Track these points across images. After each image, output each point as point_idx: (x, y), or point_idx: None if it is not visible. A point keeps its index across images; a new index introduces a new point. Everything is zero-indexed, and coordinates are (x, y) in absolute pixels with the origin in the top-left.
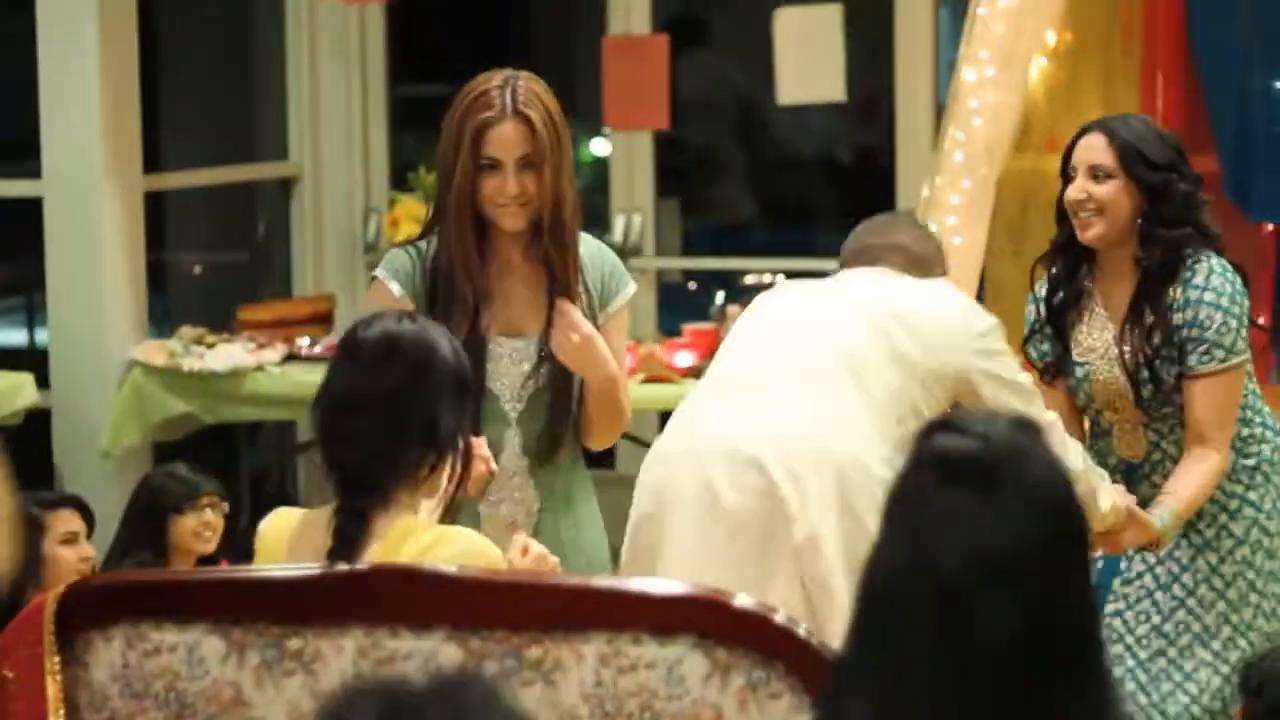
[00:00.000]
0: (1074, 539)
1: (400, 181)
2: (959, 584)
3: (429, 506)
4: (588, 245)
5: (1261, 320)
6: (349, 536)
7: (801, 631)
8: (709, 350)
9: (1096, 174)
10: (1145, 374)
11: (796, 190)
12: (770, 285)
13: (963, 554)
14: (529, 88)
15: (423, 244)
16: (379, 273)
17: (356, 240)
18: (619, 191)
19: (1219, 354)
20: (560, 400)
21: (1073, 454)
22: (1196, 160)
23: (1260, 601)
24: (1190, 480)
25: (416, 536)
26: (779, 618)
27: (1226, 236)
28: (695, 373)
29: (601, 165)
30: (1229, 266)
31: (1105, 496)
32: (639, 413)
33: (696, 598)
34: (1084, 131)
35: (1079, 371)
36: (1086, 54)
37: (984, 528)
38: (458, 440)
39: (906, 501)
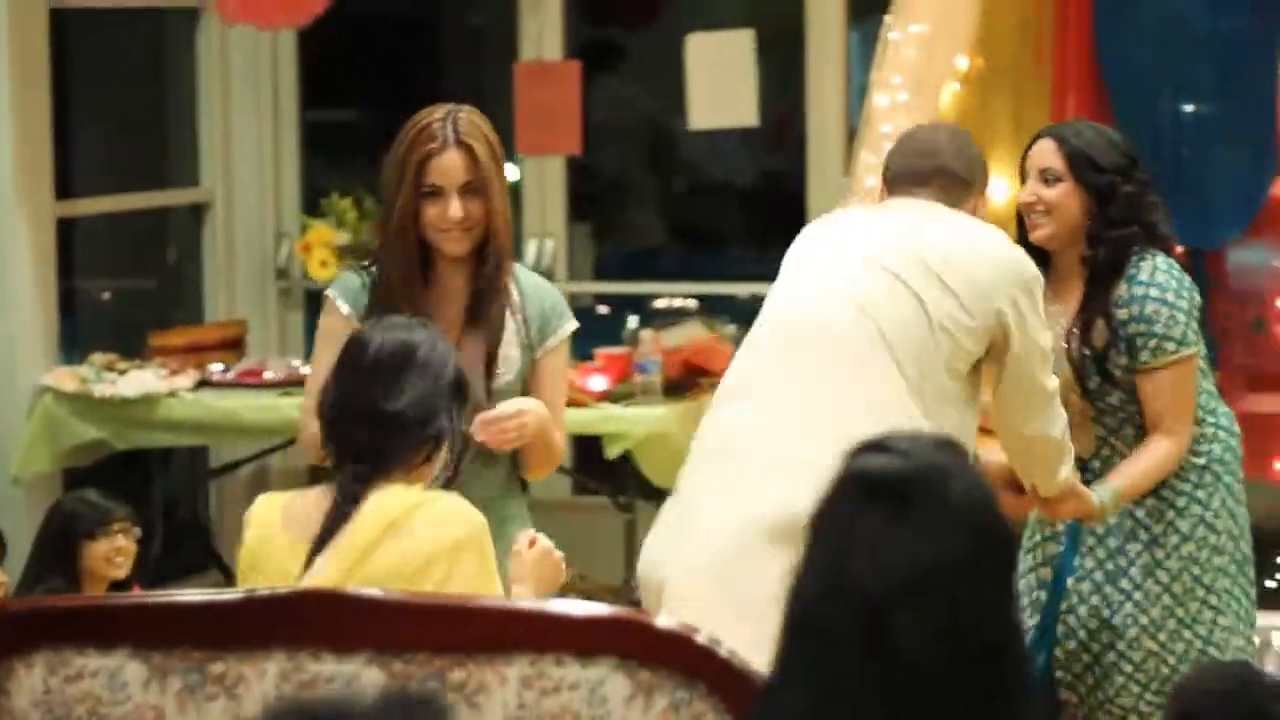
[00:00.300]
0: (996, 557)
1: (312, 207)
2: (881, 602)
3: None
4: (530, 279)
5: None
6: (351, 496)
7: (723, 652)
8: (621, 374)
9: (1046, 177)
10: (1092, 366)
11: (708, 215)
12: (683, 310)
13: (883, 572)
14: (470, 120)
15: (374, 269)
16: (330, 292)
17: (268, 266)
18: (531, 216)
19: (1170, 346)
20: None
21: (1059, 423)
22: None
23: (1206, 596)
24: (1140, 463)
25: (405, 497)
26: (700, 638)
27: None
28: (608, 397)
29: (513, 190)
30: (1174, 264)
31: (1066, 469)
32: None
33: (618, 619)
34: (1037, 137)
35: None
36: (998, 78)
37: (904, 546)
38: (453, 437)
39: (829, 521)
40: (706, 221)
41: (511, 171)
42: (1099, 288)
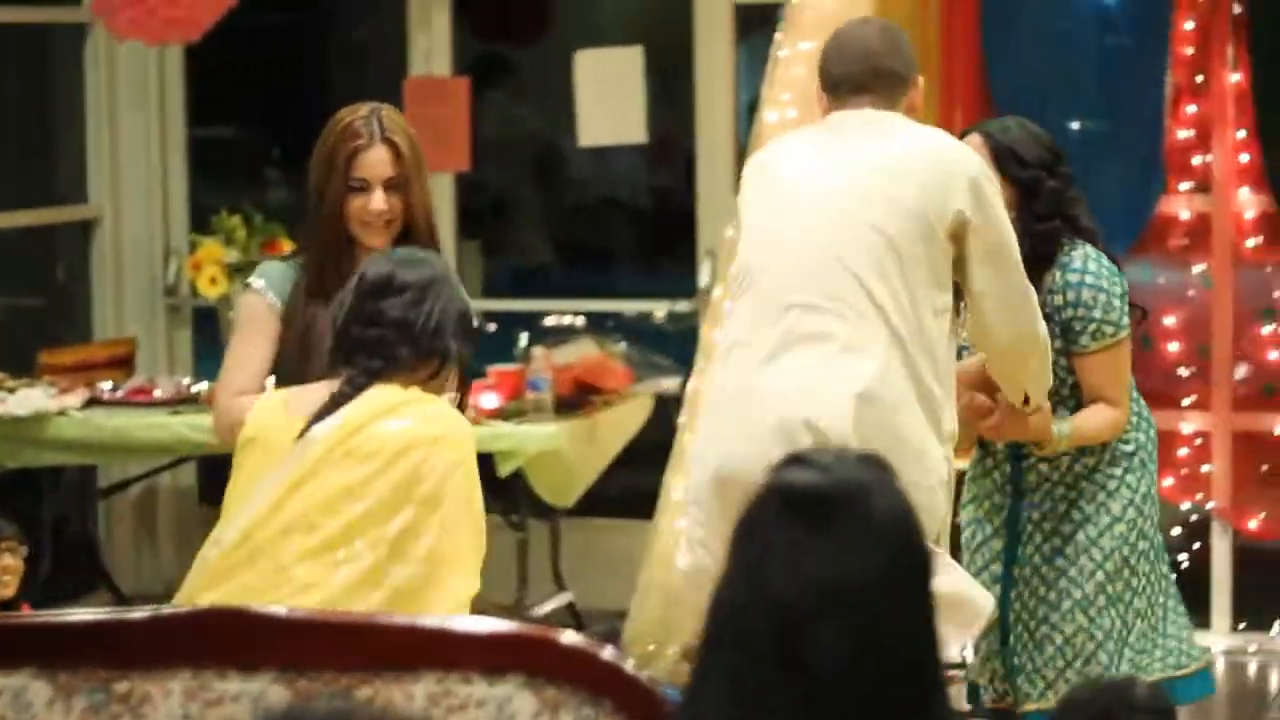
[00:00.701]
0: (914, 572)
1: (199, 222)
2: (797, 614)
3: None
4: None
5: None
6: (356, 386)
7: (628, 668)
8: (513, 392)
9: None
10: None
11: (598, 232)
12: (573, 327)
13: (803, 585)
14: (392, 118)
15: (299, 259)
16: (254, 280)
17: (157, 283)
18: None
19: (1109, 330)
20: None
21: (1041, 322)
22: None
23: (1131, 577)
24: (1090, 418)
25: (404, 393)
26: (606, 655)
27: None
28: (499, 414)
29: None
30: (1103, 254)
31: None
32: None
33: (524, 636)
34: (965, 133)
35: (964, 355)
36: None
37: (824, 560)
38: (455, 361)
39: (750, 533)
40: (595, 239)
41: None
42: (1030, 277)
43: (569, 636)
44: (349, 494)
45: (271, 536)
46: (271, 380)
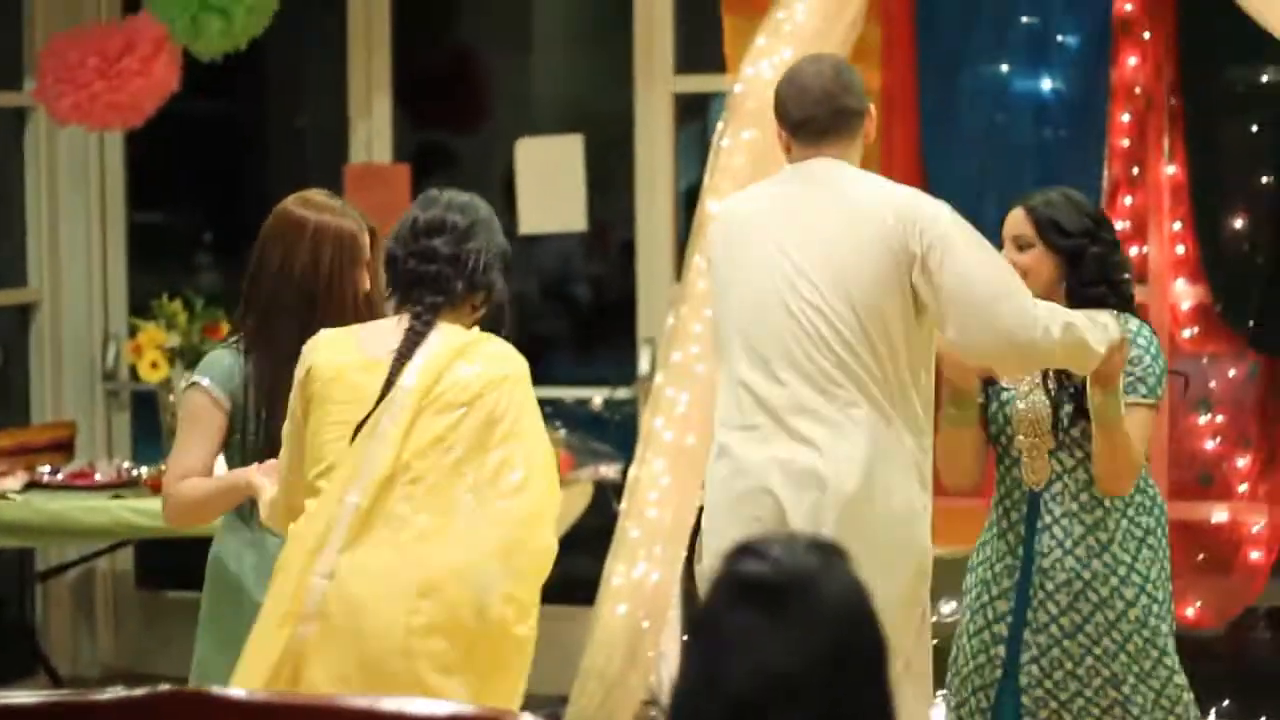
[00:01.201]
0: (868, 658)
1: (138, 308)
2: (754, 702)
3: None
4: None
5: None
6: (425, 321)
7: None
8: None
9: (1019, 244)
10: (1067, 398)
11: (536, 319)
12: None
13: (756, 673)
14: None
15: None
16: (199, 379)
17: (96, 367)
18: None
19: (1142, 389)
20: None
21: (1058, 320)
22: None
23: (1160, 657)
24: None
25: (465, 333)
26: None
27: None
28: None
29: None
30: (1154, 333)
31: (1096, 337)
32: None
33: (481, 718)
34: (1010, 207)
35: (1003, 396)
36: None
37: (774, 648)
38: (498, 295)
39: (704, 622)
40: (534, 326)
41: None
42: None
43: (526, 718)
44: (440, 442)
45: (389, 489)
46: (221, 460)
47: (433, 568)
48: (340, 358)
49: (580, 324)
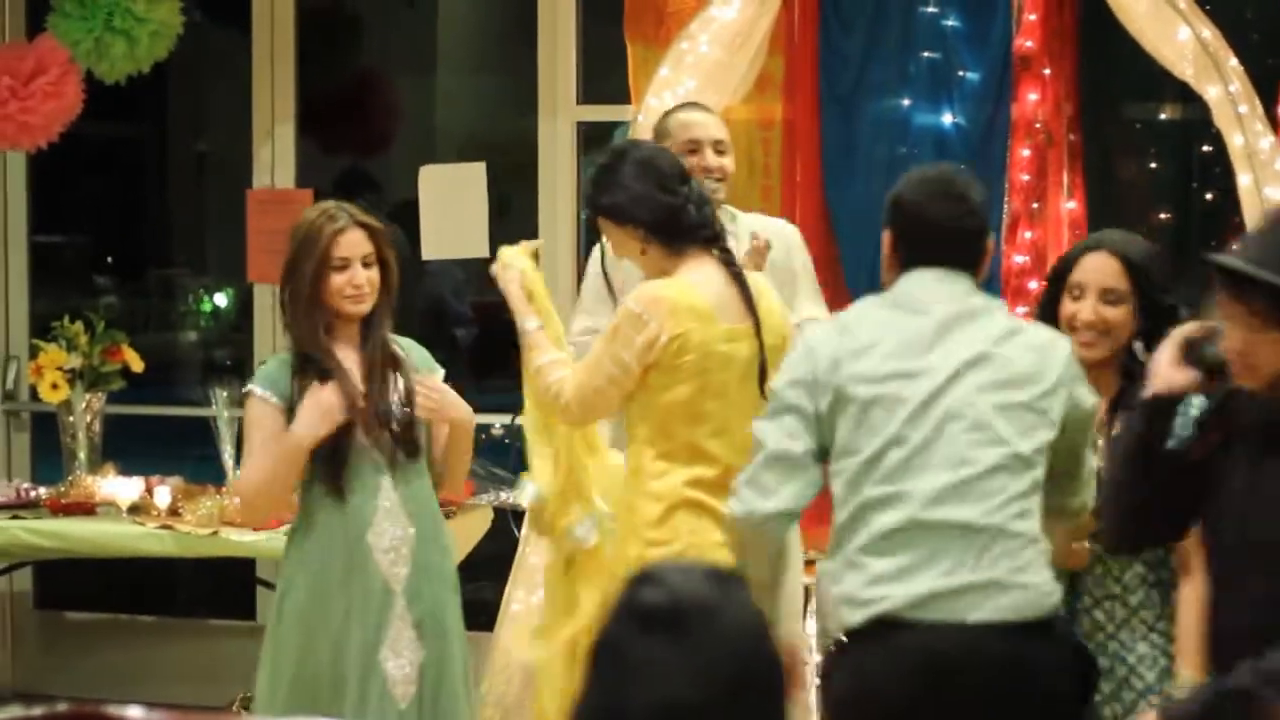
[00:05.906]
0: (763, 688)
1: (41, 329)
2: None
3: None
4: (401, 341)
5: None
6: (736, 268)
7: None
8: None
9: (1109, 297)
10: None
11: (435, 346)
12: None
13: (651, 702)
14: (355, 208)
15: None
16: (254, 388)
17: None
18: (262, 344)
19: None
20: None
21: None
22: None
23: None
24: (1188, 624)
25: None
26: None
27: None
28: None
29: (246, 318)
30: None
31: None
32: None
33: None
34: (1087, 248)
35: None
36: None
37: (672, 677)
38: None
39: (605, 651)
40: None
41: (221, 299)
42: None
43: None
44: None
45: None
46: (229, 465)
47: None
48: (703, 335)
49: (480, 350)
